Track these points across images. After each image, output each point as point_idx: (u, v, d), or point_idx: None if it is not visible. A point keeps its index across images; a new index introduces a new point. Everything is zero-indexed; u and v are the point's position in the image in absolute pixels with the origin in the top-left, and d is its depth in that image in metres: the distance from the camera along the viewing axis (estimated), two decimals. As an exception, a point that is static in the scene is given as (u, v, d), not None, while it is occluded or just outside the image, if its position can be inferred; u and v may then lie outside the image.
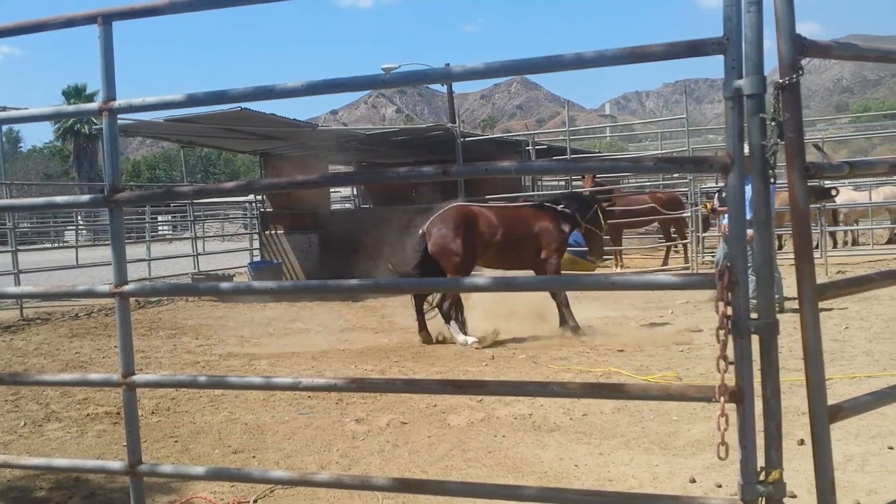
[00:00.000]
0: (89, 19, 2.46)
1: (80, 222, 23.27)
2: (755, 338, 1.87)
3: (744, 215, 1.89)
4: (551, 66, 2.06)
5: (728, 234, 8.45)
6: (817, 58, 1.98)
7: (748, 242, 1.89)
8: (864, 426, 4.28)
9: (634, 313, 9.17)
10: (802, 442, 4.01)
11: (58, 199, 2.83)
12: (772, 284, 1.92)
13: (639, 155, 18.17)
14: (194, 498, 3.77)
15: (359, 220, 14.88)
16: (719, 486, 3.65)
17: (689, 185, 14.19)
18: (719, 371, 1.85)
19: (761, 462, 1.88)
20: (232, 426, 5.06)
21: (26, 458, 4.14)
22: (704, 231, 13.96)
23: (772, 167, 1.86)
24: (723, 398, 1.84)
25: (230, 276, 14.21)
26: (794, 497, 3.37)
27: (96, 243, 20.07)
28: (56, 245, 25.74)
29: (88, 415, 5.46)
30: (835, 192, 2.06)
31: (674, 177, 18.99)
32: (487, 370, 6.47)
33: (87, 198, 2.67)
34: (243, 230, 22.73)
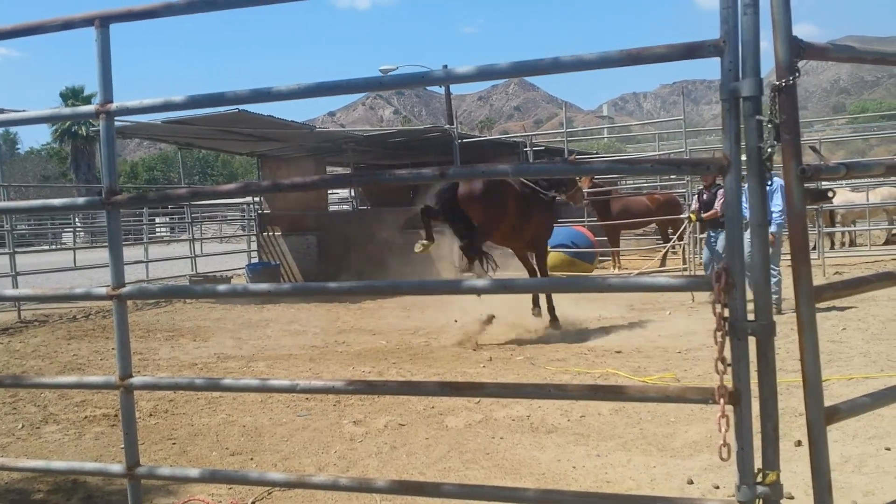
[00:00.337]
0: (86, 21, 2.46)
1: (78, 224, 23.26)
2: (752, 339, 1.88)
3: (740, 217, 1.89)
4: (550, 68, 2.06)
5: (712, 236, 8.35)
6: (814, 60, 1.98)
7: (770, 244, 1.89)
8: (861, 427, 4.28)
9: (631, 314, 9.17)
10: (799, 443, 4.01)
11: (55, 201, 2.83)
12: (768, 286, 1.92)
13: (636, 157, 18.18)
14: (192, 500, 3.76)
15: (356, 221, 14.88)
16: (717, 487, 3.66)
17: (686, 186, 14.21)
18: (717, 373, 1.85)
19: (759, 463, 1.89)
20: (230, 428, 5.06)
21: (24, 460, 4.13)
22: (702, 232, 13.95)
23: (768, 169, 1.86)
24: (722, 399, 1.85)
25: (228, 278, 14.21)
26: (792, 498, 3.38)
27: (94, 245, 20.04)
28: (53, 247, 25.73)
29: (86, 417, 5.45)
30: (832, 193, 2.06)
31: (671, 178, 19.01)
32: (485, 371, 6.47)
33: (85, 200, 2.67)
34: (241, 232, 22.71)
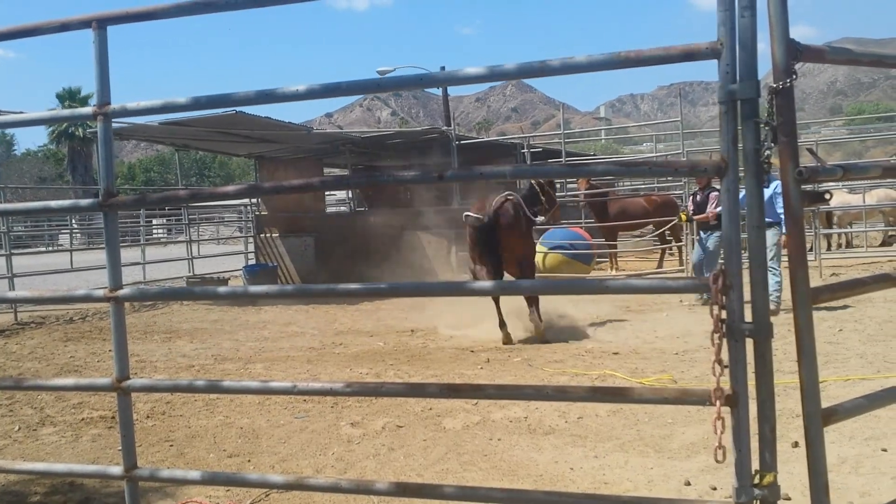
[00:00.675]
0: (84, 23, 2.46)
1: (75, 226, 23.22)
2: (749, 341, 1.88)
3: (738, 219, 1.90)
4: (546, 70, 2.06)
5: (703, 236, 8.39)
6: (811, 62, 1.99)
7: (785, 246, 1.90)
8: (857, 428, 4.29)
9: (629, 315, 9.19)
10: (797, 444, 4.02)
11: (53, 203, 2.83)
12: (766, 288, 1.92)
13: (634, 159, 18.19)
14: (189, 502, 3.76)
15: (354, 223, 14.87)
16: (714, 488, 3.66)
17: (683, 187, 14.23)
18: (714, 374, 1.85)
19: (756, 465, 1.89)
20: (227, 430, 5.05)
21: (23, 462, 4.12)
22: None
23: (766, 171, 1.87)
24: (718, 401, 1.85)
25: (225, 280, 14.18)
26: (789, 499, 3.39)
27: (91, 247, 19.99)
28: (50, 249, 25.66)
29: (83, 419, 5.44)
30: (829, 195, 2.07)
31: (668, 179, 19.03)
32: (483, 373, 6.47)
33: (88, 203, 2.66)
34: (238, 233, 22.68)
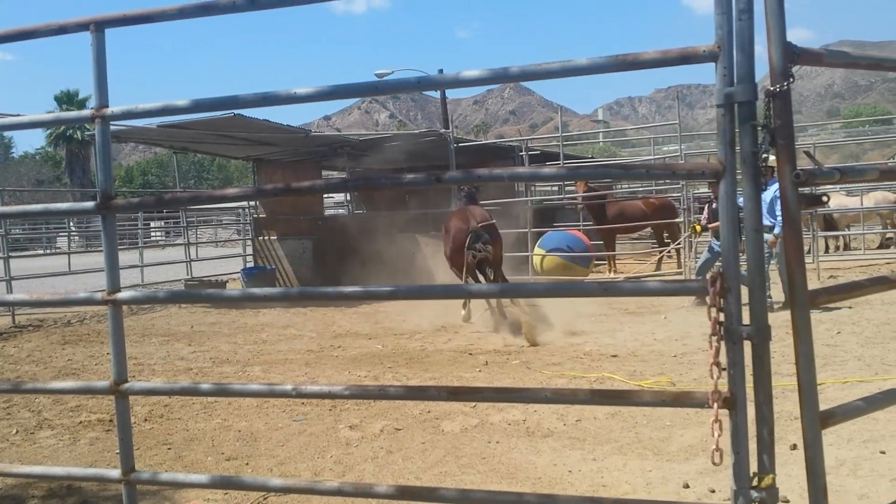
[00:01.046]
0: (82, 26, 2.46)
1: (73, 228, 23.18)
2: (747, 343, 1.88)
3: (737, 222, 1.90)
4: (546, 73, 2.07)
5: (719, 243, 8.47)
6: (808, 65, 1.99)
7: (771, 245, 1.90)
8: (855, 431, 4.30)
9: (627, 318, 9.19)
10: (795, 447, 4.02)
11: (52, 206, 2.83)
12: (764, 291, 1.93)
13: (632, 161, 18.20)
14: (187, 506, 3.75)
15: (352, 225, 14.85)
16: (713, 491, 3.66)
17: (681, 190, 14.24)
18: (712, 377, 1.86)
19: (754, 467, 1.89)
20: (225, 433, 5.05)
21: (19, 466, 4.12)
22: (696, 237, 13.97)
23: (763, 174, 1.87)
24: (716, 404, 1.85)
25: (223, 283, 14.16)
26: (787, 502, 3.39)
27: (88, 249, 19.97)
28: (48, 251, 25.60)
29: (81, 422, 5.43)
30: (826, 198, 2.08)
31: (666, 182, 19.03)
32: (481, 376, 6.47)
33: (84, 205, 2.66)
34: (236, 236, 22.65)
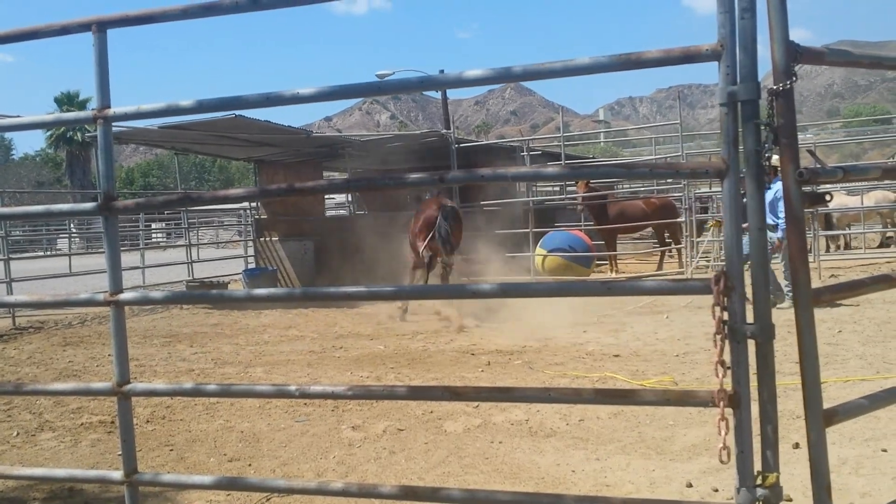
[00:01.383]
0: (84, 27, 2.46)
1: (73, 230, 23.18)
2: (751, 342, 1.88)
3: (739, 221, 1.90)
4: (549, 72, 2.07)
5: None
6: (811, 64, 1.99)
7: (777, 249, 1.90)
8: (857, 429, 4.29)
9: (629, 318, 9.18)
10: (798, 446, 4.02)
11: (54, 207, 2.83)
12: (767, 290, 1.92)
13: (634, 161, 18.19)
14: (190, 507, 3.75)
15: (354, 226, 14.85)
16: (716, 490, 3.66)
17: (683, 189, 14.24)
18: (717, 376, 1.85)
19: (758, 466, 1.89)
20: (227, 434, 5.04)
21: (20, 468, 4.12)
22: (698, 236, 13.99)
23: (766, 173, 1.87)
24: (721, 402, 1.85)
25: (225, 284, 14.16)
26: (790, 501, 3.38)
27: (89, 251, 19.97)
28: (49, 253, 25.61)
29: (82, 424, 5.42)
30: (829, 197, 2.07)
31: (668, 182, 19.02)
32: (483, 376, 6.46)
33: (86, 206, 2.67)
34: (238, 237, 22.65)
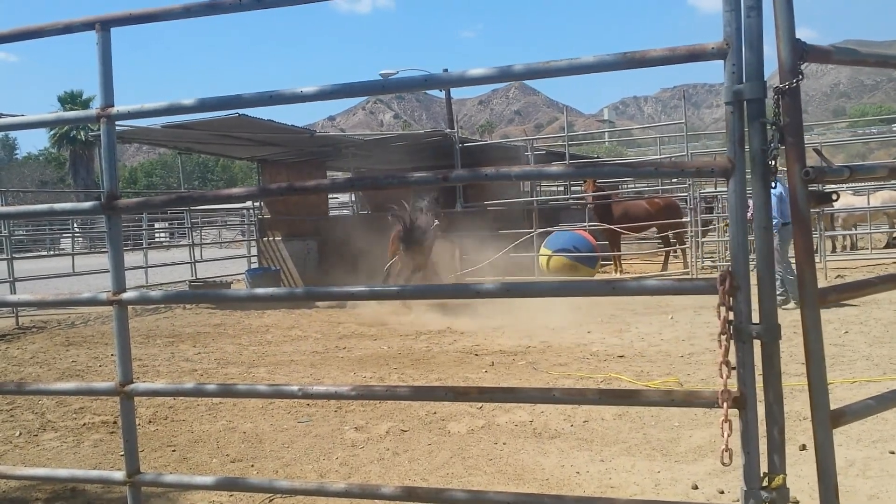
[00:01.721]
0: (87, 25, 2.46)
1: (76, 229, 23.22)
2: (757, 342, 1.86)
3: (745, 220, 1.88)
4: (553, 71, 2.05)
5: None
6: (817, 63, 1.97)
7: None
8: (864, 431, 4.27)
9: (633, 318, 9.16)
10: (804, 447, 4.00)
11: (57, 206, 2.82)
12: (773, 289, 1.91)
13: (640, 160, 18.16)
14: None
15: (357, 226, 14.84)
16: (722, 492, 3.64)
17: (687, 189, 14.20)
18: (722, 376, 1.84)
19: (764, 468, 1.87)
20: (230, 435, 5.04)
21: (22, 468, 4.11)
22: (703, 236, 13.96)
23: (773, 171, 1.85)
24: (726, 404, 1.83)
25: (228, 284, 14.17)
26: (797, 503, 3.36)
27: (92, 251, 20.00)
28: (52, 253, 25.64)
29: (85, 424, 5.42)
30: (835, 196, 2.05)
31: (672, 182, 18.97)
32: (487, 377, 6.45)
33: (89, 205, 2.66)
34: (241, 237, 22.67)
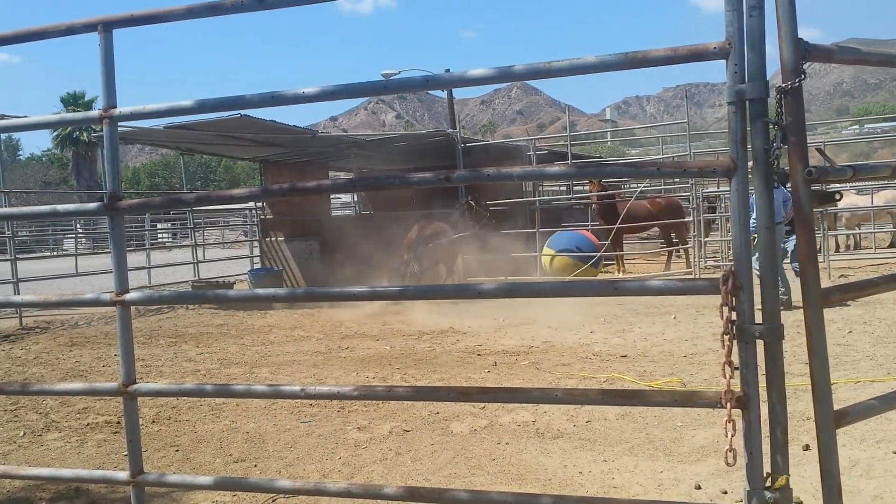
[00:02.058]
0: (89, 27, 2.46)
1: (80, 230, 23.25)
2: (760, 342, 1.86)
3: (747, 220, 1.88)
4: (553, 71, 2.05)
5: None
6: (819, 62, 1.97)
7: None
8: (868, 431, 4.26)
9: (636, 318, 9.15)
10: (808, 447, 3.99)
11: (60, 207, 2.83)
12: (776, 289, 1.90)
13: (642, 160, 18.15)
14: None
15: (359, 226, 14.86)
16: (725, 492, 3.63)
17: (690, 189, 14.19)
18: (725, 376, 1.83)
19: (767, 468, 1.87)
20: (233, 435, 5.04)
21: (26, 468, 4.12)
22: (706, 236, 13.94)
23: (775, 172, 1.85)
24: (729, 404, 1.83)
25: (230, 284, 14.18)
26: (800, 503, 3.35)
27: (95, 251, 20.03)
28: (55, 253, 25.69)
29: (88, 424, 5.43)
30: (839, 196, 2.05)
31: (675, 182, 18.96)
32: (490, 377, 6.45)
33: (92, 206, 2.67)
34: (243, 237, 22.69)
